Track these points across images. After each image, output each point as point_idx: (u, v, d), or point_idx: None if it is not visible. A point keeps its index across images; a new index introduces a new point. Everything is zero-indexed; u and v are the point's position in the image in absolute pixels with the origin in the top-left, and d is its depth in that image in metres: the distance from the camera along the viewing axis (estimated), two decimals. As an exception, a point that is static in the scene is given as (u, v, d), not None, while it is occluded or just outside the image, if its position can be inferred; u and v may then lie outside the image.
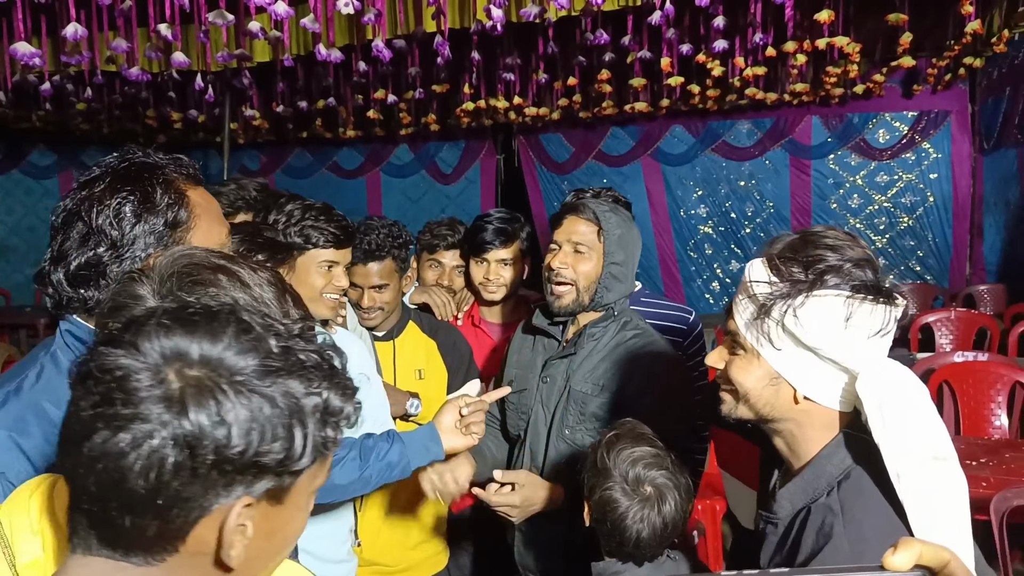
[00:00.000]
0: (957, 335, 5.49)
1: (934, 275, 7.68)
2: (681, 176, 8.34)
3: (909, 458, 1.12)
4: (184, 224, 1.30)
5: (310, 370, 0.77)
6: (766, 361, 1.26)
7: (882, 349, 1.22)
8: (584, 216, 2.06)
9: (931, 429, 1.15)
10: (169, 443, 0.68)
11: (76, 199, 1.27)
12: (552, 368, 2.12)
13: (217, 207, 1.41)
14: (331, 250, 2.06)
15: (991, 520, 2.32)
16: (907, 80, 7.16)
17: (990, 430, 3.73)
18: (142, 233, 1.26)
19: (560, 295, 2.06)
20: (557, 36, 5.18)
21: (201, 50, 4.39)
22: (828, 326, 1.19)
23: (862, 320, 1.19)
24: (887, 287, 1.21)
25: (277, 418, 0.72)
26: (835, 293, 1.19)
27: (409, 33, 4.29)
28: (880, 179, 7.69)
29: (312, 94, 6.77)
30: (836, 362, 1.21)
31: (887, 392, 1.15)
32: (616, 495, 1.62)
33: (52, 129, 8.23)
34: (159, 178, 1.30)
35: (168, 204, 1.29)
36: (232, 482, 0.72)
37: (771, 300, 1.22)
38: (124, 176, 1.28)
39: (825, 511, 1.18)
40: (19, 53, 3.56)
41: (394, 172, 9.40)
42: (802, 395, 1.26)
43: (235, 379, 0.72)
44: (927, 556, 0.55)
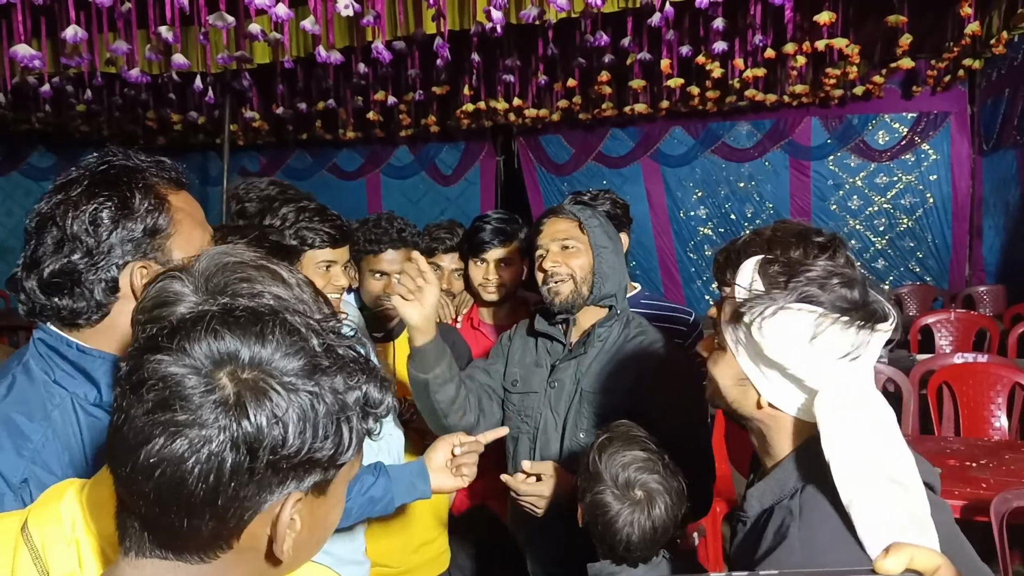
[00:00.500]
0: (957, 336, 5.49)
1: (933, 276, 7.68)
2: (681, 177, 8.35)
3: (861, 483, 1.10)
4: (164, 231, 1.24)
5: (350, 365, 0.79)
6: (737, 361, 1.27)
7: (850, 372, 1.17)
8: (563, 216, 2.09)
9: (891, 453, 1.13)
10: (228, 446, 0.69)
11: (51, 203, 1.21)
12: (560, 372, 2.09)
13: (200, 212, 1.34)
14: (327, 250, 2.05)
15: (991, 522, 2.32)
16: (906, 82, 7.18)
17: (990, 431, 3.73)
18: (119, 241, 1.20)
19: (558, 290, 2.03)
20: (557, 38, 5.19)
21: (201, 52, 4.40)
22: (792, 342, 1.17)
23: (830, 341, 1.16)
24: (873, 310, 1.17)
25: (327, 415, 0.74)
26: (809, 308, 1.16)
27: (409, 35, 4.29)
28: (880, 180, 7.70)
29: (312, 96, 6.77)
30: (798, 379, 1.19)
31: (840, 418, 1.13)
32: (606, 499, 1.62)
33: (52, 131, 8.23)
34: (139, 183, 1.23)
35: (147, 210, 1.22)
36: (285, 479, 0.73)
37: (745, 305, 1.22)
38: (102, 180, 1.21)
39: (785, 512, 1.19)
40: (19, 55, 3.57)
41: (394, 173, 9.41)
42: (766, 401, 1.25)
43: (285, 379, 0.73)
44: (919, 560, 0.55)
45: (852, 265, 1.26)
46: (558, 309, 2.05)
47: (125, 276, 1.22)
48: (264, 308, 0.78)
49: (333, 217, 2.07)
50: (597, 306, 2.08)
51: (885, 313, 1.18)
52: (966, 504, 2.57)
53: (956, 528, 1.23)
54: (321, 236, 2.03)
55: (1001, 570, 2.37)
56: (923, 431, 3.86)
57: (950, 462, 2.97)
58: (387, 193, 9.40)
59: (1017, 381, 3.74)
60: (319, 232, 2.03)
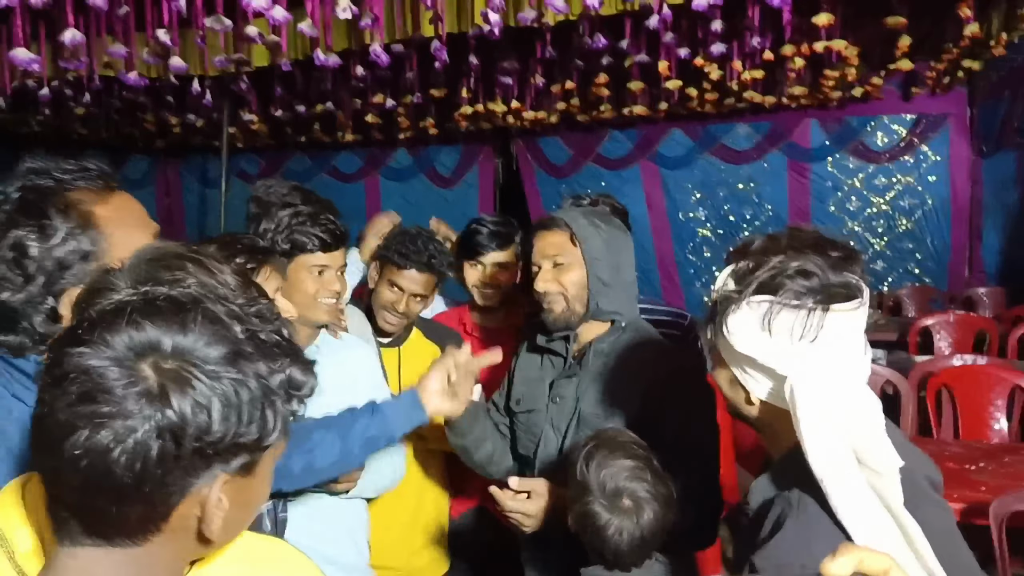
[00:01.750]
0: (956, 338, 5.48)
1: (933, 278, 7.67)
2: (680, 179, 8.34)
3: (833, 466, 1.13)
4: (94, 251, 1.17)
5: (273, 349, 0.81)
6: (727, 363, 1.32)
7: (817, 355, 1.19)
8: (554, 228, 2.01)
9: (865, 441, 1.15)
10: (153, 435, 0.71)
11: None
12: (561, 388, 2.04)
13: (137, 210, 1.27)
14: (320, 254, 2.06)
15: (990, 525, 2.32)
16: (905, 83, 7.16)
17: (989, 434, 3.73)
18: (48, 273, 1.14)
19: (551, 308, 1.99)
20: (555, 40, 5.18)
21: (199, 55, 4.39)
22: (751, 333, 1.22)
23: (783, 325, 1.19)
24: (830, 293, 1.19)
25: (251, 400, 0.76)
26: (760, 299, 1.22)
27: (407, 38, 4.29)
28: (879, 182, 7.69)
29: (310, 99, 6.77)
30: (768, 369, 1.23)
31: (808, 397, 1.17)
32: (594, 508, 1.63)
33: (51, 134, 8.22)
34: (59, 204, 1.15)
35: (71, 234, 1.15)
36: (212, 463, 0.76)
37: (716, 308, 1.29)
38: (20, 208, 1.14)
39: (784, 503, 1.22)
40: (18, 59, 3.56)
41: (393, 176, 9.40)
42: (755, 398, 1.29)
43: (208, 367, 0.75)
44: (868, 563, 0.54)
45: (862, 276, 1.25)
46: (552, 328, 2.02)
47: (64, 304, 1.16)
48: (185, 297, 0.79)
49: (326, 221, 2.07)
50: (598, 320, 2.01)
51: (845, 294, 1.20)
52: (965, 507, 2.56)
53: (956, 531, 1.25)
54: (312, 241, 2.04)
55: (1000, 573, 2.37)
56: (922, 433, 3.85)
57: (949, 464, 2.97)
58: (386, 195, 9.39)
59: (1017, 383, 3.73)
60: (311, 236, 2.04)
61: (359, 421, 1.77)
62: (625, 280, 2.02)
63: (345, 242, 2.16)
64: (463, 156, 9.10)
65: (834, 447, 1.13)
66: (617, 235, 2.03)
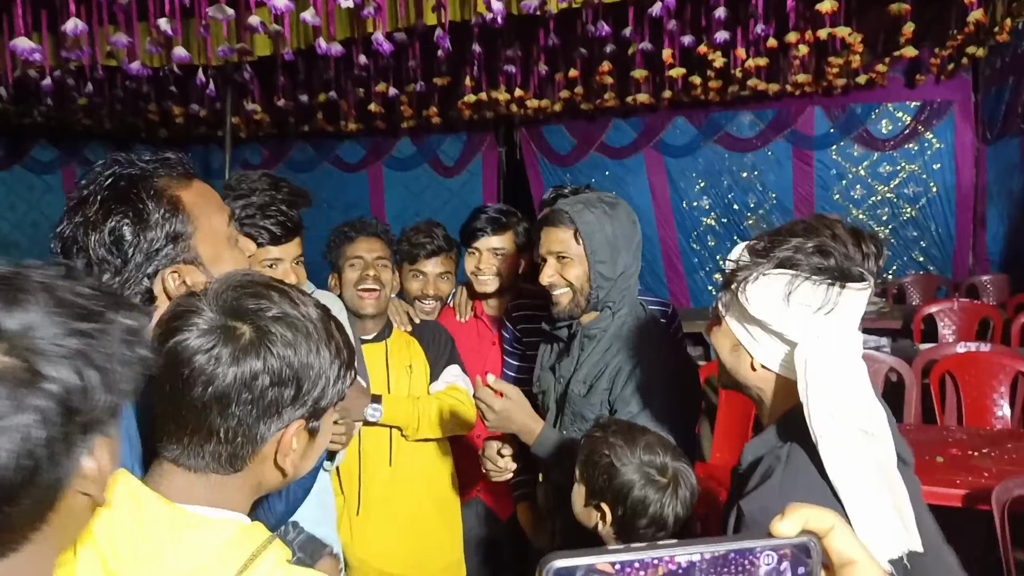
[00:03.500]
0: (960, 325, 5.48)
1: (937, 265, 7.66)
2: (684, 168, 8.33)
3: (831, 425, 1.23)
4: (184, 233, 1.27)
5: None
6: (731, 330, 1.42)
7: (826, 326, 1.30)
8: (558, 224, 2.06)
9: (863, 405, 1.26)
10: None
11: (71, 225, 1.23)
12: (561, 369, 2.18)
13: (215, 197, 1.37)
14: (270, 248, 2.00)
15: (993, 510, 2.33)
16: (910, 70, 7.13)
17: (992, 420, 3.73)
18: (144, 254, 1.23)
19: (558, 300, 2.09)
20: (558, 28, 5.17)
21: (202, 44, 4.38)
22: (771, 301, 1.31)
23: (803, 297, 1.29)
24: (845, 272, 1.29)
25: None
26: (780, 272, 1.31)
27: (409, 26, 4.28)
28: (883, 170, 7.67)
29: (313, 88, 6.77)
30: (778, 333, 1.33)
31: (815, 364, 1.27)
32: (643, 492, 1.63)
33: (54, 124, 8.22)
34: (149, 190, 1.24)
35: (164, 217, 1.24)
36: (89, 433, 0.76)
37: (735, 274, 1.38)
38: (113, 196, 1.23)
39: (772, 459, 1.32)
40: (20, 49, 3.56)
41: (396, 165, 9.39)
42: (758, 363, 1.39)
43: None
44: (812, 521, 0.55)
45: (876, 256, 1.36)
46: (558, 318, 2.13)
47: (158, 284, 1.25)
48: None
49: (276, 213, 2.00)
50: (596, 310, 2.11)
51: (859, 275, 1.30)
52: (968, 493, 2.57)
53: (924, 504, 1.39)
54: (262, 234, 1.98)
55: (1003, 559, 2.38)
56: (926, 420, 3.86)
57: (952, 451, 2.98)
58: (389, 185, 9.38)
59: (1020, 370, 3.73)
60: (260, 230, 1.98)
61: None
62: (627, 272, 2.09)
63: (299, 232, 2.09)
64: (466, 145, 9.09)
65: (835, 410, 1.23)
66: (623, 228, 2.07)
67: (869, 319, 5.80)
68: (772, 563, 0.53)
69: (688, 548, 0.51)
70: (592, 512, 1.70)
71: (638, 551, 0.50)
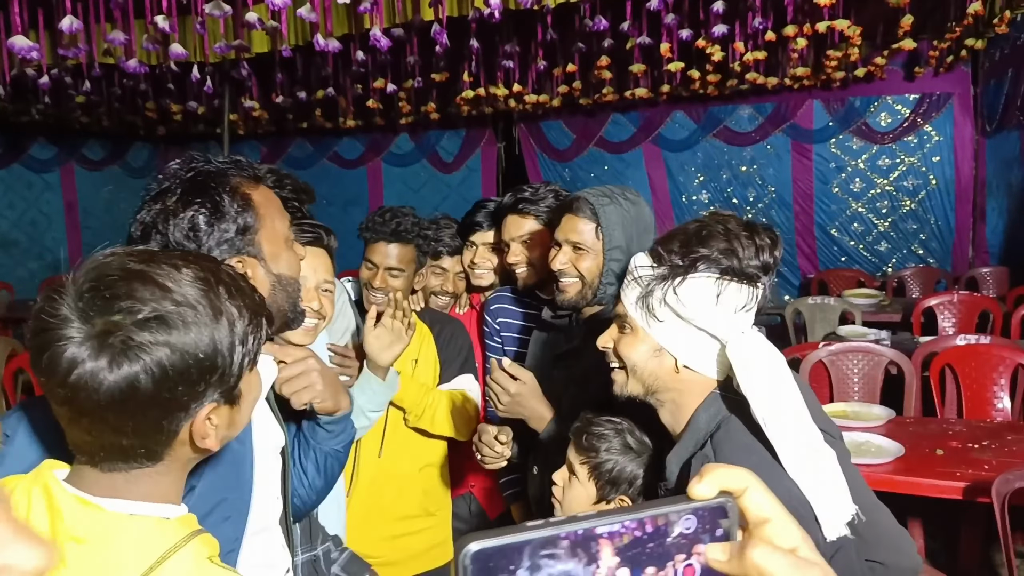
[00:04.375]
0: (960, 318, 5.48)
1: (936, 258, 7.66)
2: (683, 162, 8.33)
3: (770, 407, 1.33)
4: (252, 227, 1.36)
5: None
6: (650, 336, 1.46)
7: (746, 321, 1.42)
8: (582, 214, 2.04)
9: (785, 388, 1.36)
10: None
11: (152, 213, 1.33)
12: (561, 363, 2.16)
13: (277, 201, 1.47)
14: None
15: (993, 503, 2.33)
16: (909, 63, 7.13)
17: (992, 413, 3.73)
18: (216, 242, 1.33)
19: (565, 288, 2.07)
20: (556, 23, 5.17)
21: (199, 41, 4.38)
22: (702, 301, 1.40)
23: (730, 297, 1.40)
24: (749, 272, 1.41)
25: None
26: (706, 275, 1.40)
27: (407, 22, 4.28)
28: (882, 163, 7.67)
29: (311, 84, 6.76)
30: (709, 332, 1.41)
31: (750, 354, 1.37)
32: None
33: (52, 122, 8.23)
34: (225, 186, 1.36)
35: (237, 211, 1.35)
36: None
37: (654, 281, 1.44)
38: (192, 188, 1.34)
39: (702, 459, 1.38)
40: (17, 47, 3.56)
41: (395, 161, 9.39)
42: (682, 364, 1.45)
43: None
44: (728, 481, 0.55)
45: (771, 247, 1.46)
46: (562, 306, 2.10)
47: None
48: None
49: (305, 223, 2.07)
50: (599, 304, 2.09)
51: (757, 275, 1.42)
52: (968, 485, 2.57)
53: (855, 469, 1.53)
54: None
55: (1003, 550, 2.38)
56: (926, 413, 3.86)
57: (952, 444, 2.97)
58: (388, 181, 9.39)
59: (1020, 362, 3.73)
60: None
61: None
62: None
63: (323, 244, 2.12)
64: (465, 141, 9.09)
65: (769, 394, 1.34)
66: (641, 230, 2.07)
67: (869, 312, 5.81)
68: (692, 526, 0.53)
69: (608, 518, 0.51)
70: (602, 508, 1.69)
71: (557, 525, 0.50)
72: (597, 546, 0.50)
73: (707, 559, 0.54)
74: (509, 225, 2.47)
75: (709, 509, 0.54)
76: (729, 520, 0.54)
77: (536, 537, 0.49)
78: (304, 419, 1.62)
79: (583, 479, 1.68)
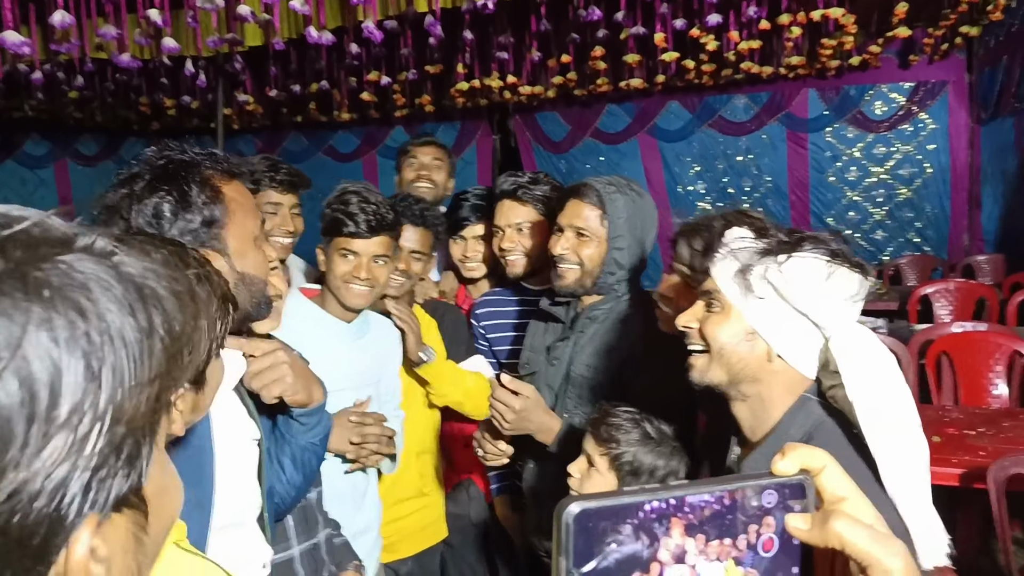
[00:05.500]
0: (956, 306, 5.48)
1: (932, 246, 7.67)
2: (678, 152, 8.32)
3: (877, 415, 1.19)
4: (219, 221, 1.34)
5: None
6: (743, 316, 1.31)
7: (854, 313, 1.28)
8: (588, 200, 2.01)
9: (897, 395, 1.21)
10: None
11: (117, 196, 1.31)
12: (557, 350, 2.11)
13: (251, 200, 1.45)
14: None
15: (989, 489, 2.33)
16: (903, 51, 7.12)
17: (989, 399, 3.74)
18: (179, 232, 1.30)
19: (563, 274, 2.03)
20: (550, 13, 5.15)
21: (191, 35, 4.36)
22: (809, 282, 1.25)
23: (840, 282, 1.25)
24: (860, 261, 1.29)
25: None
26: (815, 255, 1.26)
27: (400, 14, 4.26)
28: (877, 151, 7.67)
29: (305, 77, 6.73)
30: (811, 319, 1.27)
31: (857, 350, 1.22)
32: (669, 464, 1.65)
33: (45, 118, 8.18)
34: (196, 176, 1.33)
35: (204, 202, 1.32)
36: None
37: (756, 256, 1.29)
38: (162, 175, 1.32)
39: None
40: (8, 42, 3.54)
41: (390, 154, 9.34)
42: (776, 353, 1.30)
43: None
44: (807, 460, 0.58)
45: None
46: (559, 292, 2.06)
47: None
48: None
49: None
50: (599, 294, 2.06)
51: (864, 264, 1.30)
52: (965, 472, 2.57)
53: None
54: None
55: (999, 536, 2.39)
56: (922, 400, 3.86)
57: (949, 430, 2.98)
58: (384, 174, 9.35)
59: (1016, 349, 3.74)
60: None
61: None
62: (637, 254, 2.07)
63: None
64: (461, 133, 9.07)
65: (876, 398, 1.19)
66: (646, 221, 2.07)
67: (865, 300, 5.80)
68: (773, 500, 0.56)
69: (699, 487, 0.53)
70: None
71: (653, 492, 0.52)
72: (686, 511, 0.53)
73: (789, 528, 0.56)
74: (505, 210, 2.43)
75: (790, 486, 0.56)
76: (808, 498, 0.57)
77: (634, 501, 0.51)
78: (279, 414, 1.59)
79: (603, 470, 1.67)
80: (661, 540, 0.52)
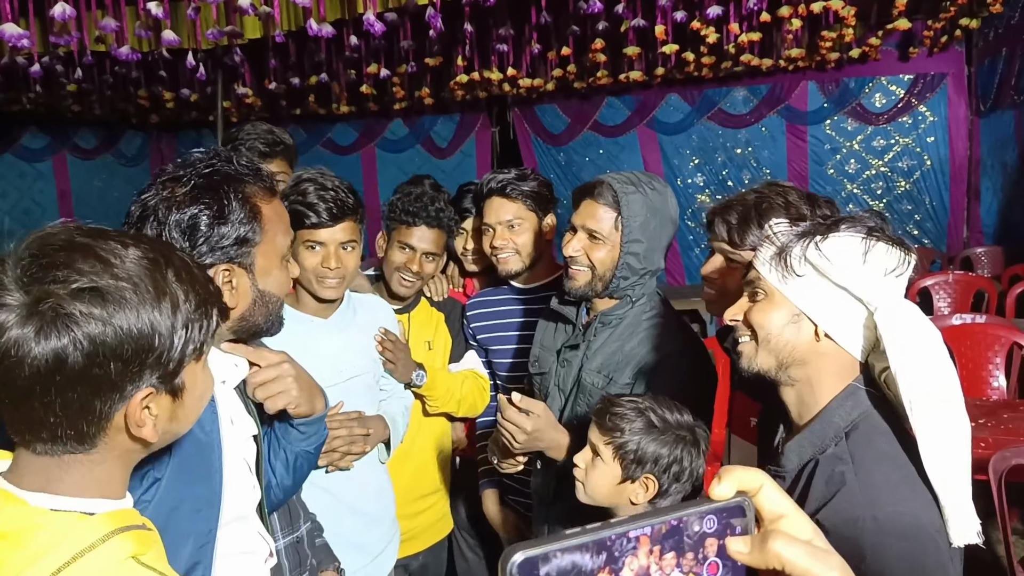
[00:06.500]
0: (955, 298, 5.50)
1: (931, 239, 7.68)
2: (678, 145, 8.31)
3: (921, 389, 1.18)
4: (252, 240, 1.34)
5: None
6: (787, 299, 1.31)
7: (898, 289, 1.28)
8: (602, 200, 1.93)
9: (942, 370, 1.21)
10: None
11: (157, 198, 1.30)
12: (568, 353, 2.06)
13: (286, 219, 1.45)
14: (315, 230, 2.10)
15: (990, 480, 2.34)
16: (903, 43, 7.12)
17: (988, 391, 3.75)
18: (210, 246, 1.30)
19: (574, 276, 1.97)
20: (550, 5, 5.14)
21: (191, 28, 4.35)
22: (848, 258, 1.26)
23: (878, 257, 1.26)
24: (899, 238, 1.30)
25: None
26: (851, 234, 1.27)
27: (400, 6, 4.25)
28: (877, 143, 7.67)
29: (304, 70, 6.72)
30: (854, 294, 1.27)
31: (902, 324, 1.22)
32: (679, 453, 1.64)
33: (44, 111, 8.17)
34: (239, 193, 1.33)
35: (241, 220, 1.32)
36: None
37: (794, 237, 1.31)
38: (206, 185, 1.31)
39: (834, 461, 1.24)
40: (7, 35, 3.53)
41: (389, 147, 9.35)
42: (823, 331, 1.30)
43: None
44: (744, 482, 0.59)
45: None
46: (568, 293, 2.01)
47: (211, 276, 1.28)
48: None
49: (328, 195, 2.04)
50: (612, 297, 2.00)
51: (907, 244, 1.30)
52: (965, 463, 2.59)
53: None
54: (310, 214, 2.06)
55: (1000, 528, 2.40)
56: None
57: (949, 422, 2.99)
58: (383, 167, 9.35)
59: (1015, 341, 3.75)
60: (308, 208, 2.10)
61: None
62: (655, 263, 2.00)
63: (348, 216, 2.09)
64: (459, 126, 9.06)
65: (920, 372, 1.19)
66: (663, 224, 1.99)
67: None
68: (714, 525, 0.57)
69: (639, 522, 0.55)
70: (627, 488, 1.68)
71: (594, 531, 0.53)
72: (634, 544, 0.54)
73: (730, 552, 0.57)
74: (495, 208, 2.39)
75: (728, 508, 0.58)
76: (747, 518, 0.59)
77: (575, 543, 0.52)
78: (276, 419, 1.57)
79: (608, 459, 1.66)
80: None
